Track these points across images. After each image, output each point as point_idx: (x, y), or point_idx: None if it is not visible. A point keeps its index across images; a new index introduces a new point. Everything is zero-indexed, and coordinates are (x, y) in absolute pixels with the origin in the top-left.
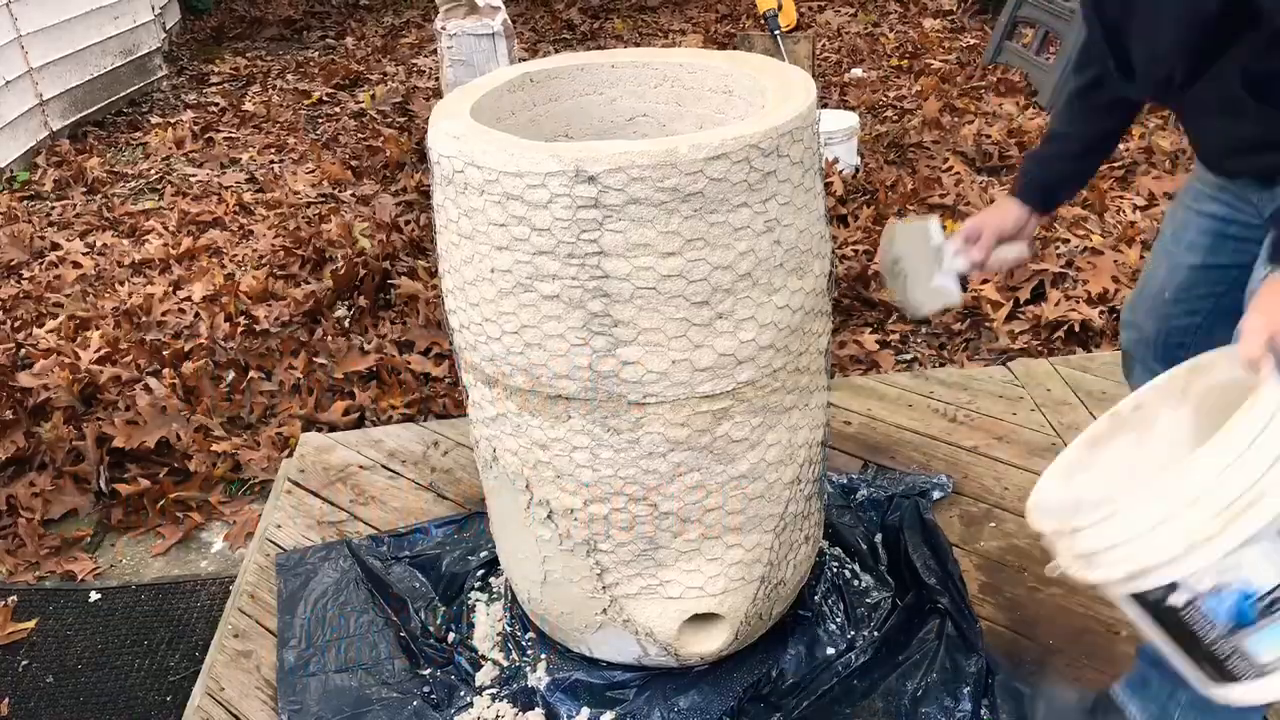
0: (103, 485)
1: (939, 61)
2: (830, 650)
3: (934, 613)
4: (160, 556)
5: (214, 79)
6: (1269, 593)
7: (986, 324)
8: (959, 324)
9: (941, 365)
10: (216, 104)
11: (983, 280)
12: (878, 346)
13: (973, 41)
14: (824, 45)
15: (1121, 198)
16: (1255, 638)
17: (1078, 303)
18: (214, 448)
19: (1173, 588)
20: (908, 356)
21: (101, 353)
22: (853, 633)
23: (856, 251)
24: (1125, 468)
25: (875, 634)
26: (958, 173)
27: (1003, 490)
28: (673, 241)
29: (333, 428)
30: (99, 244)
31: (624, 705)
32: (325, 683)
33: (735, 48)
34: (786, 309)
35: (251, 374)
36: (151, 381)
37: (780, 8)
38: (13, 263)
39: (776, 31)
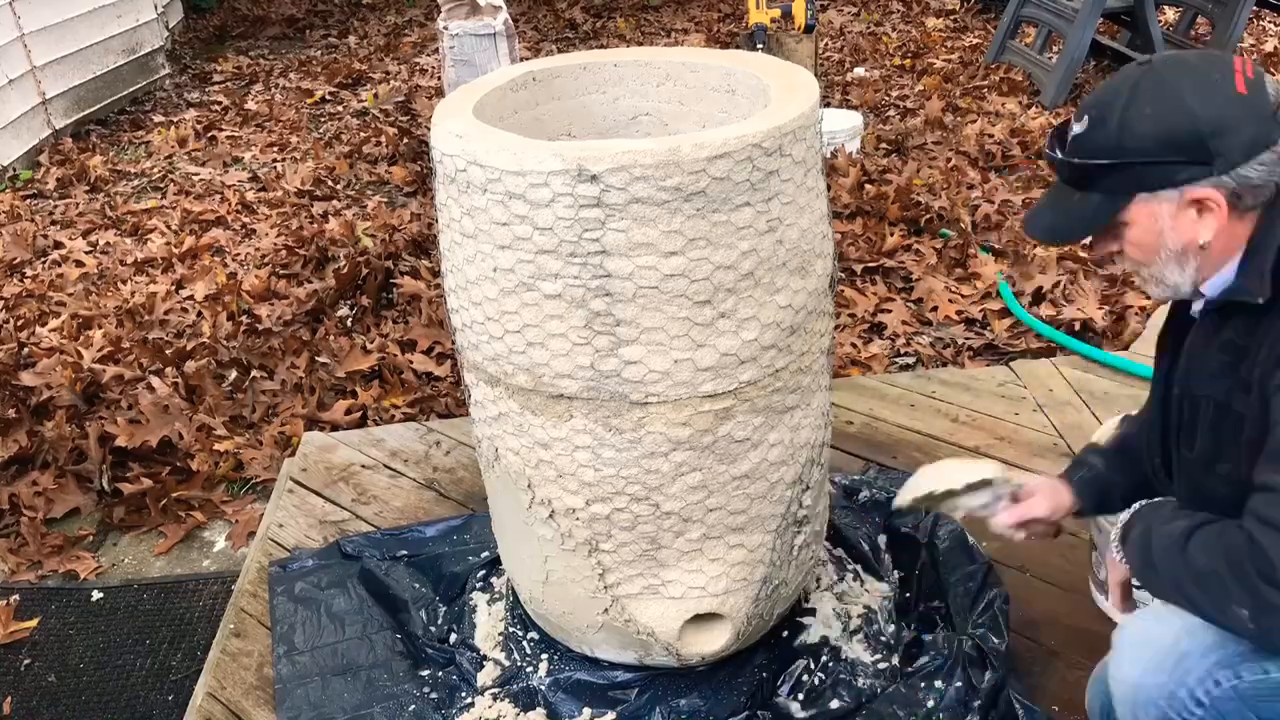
0: (105, 484)
1: (941, 61)
2: (831, 652)
3: (947, 622)
4: (162, 556)
5: (217, 78)
6: None
7: (988, 326)
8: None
9: (943, 365)
10: (219, 103)
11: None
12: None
13: (975, 41)
14: (826, 44)
15: None
16: None
17: (1080, 302)
18: (216, 447)
19: None
20: (910, 359)
21: (104, 351)
22: (854, 635)
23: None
24: None
25: (880, 639)
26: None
27: None
28: (675, 241)
29: (335, 427)
30: (101, 243)
31: (625, 705)
32: (324, 686)
33: (738, 47)
34: (789, 309)
35: (254, 373)
36: (154, 380)
37: (774, 23)
38: (15, 261)
39: (760, 46)
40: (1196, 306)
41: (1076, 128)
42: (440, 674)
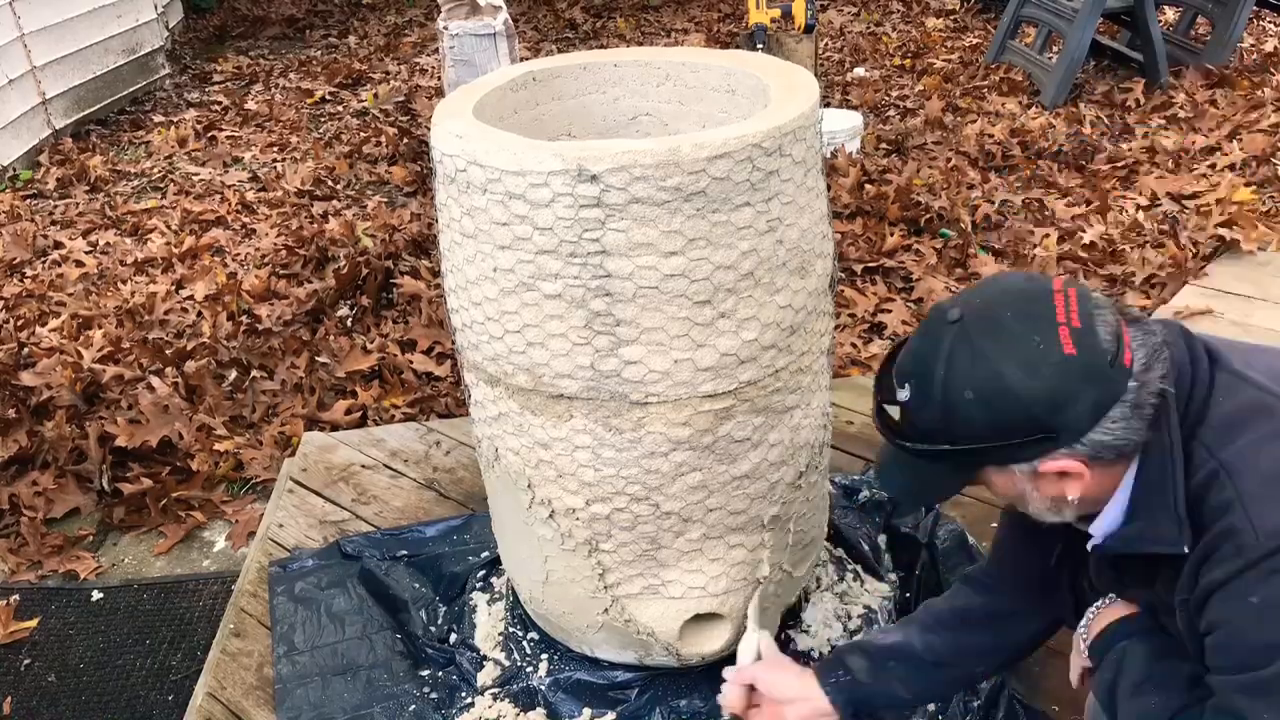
0: (105, 484)
1: (941, 61)
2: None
3: None
4: (162, 555)
5: (217, 78)
6: None
7: None
8: None
9: None
10: (219, 103)
11: None
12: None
13: (975, 41)
14: (826, 44)
15: (1124, 197)
16: None
17: None
18: (216, 447)
19: None
20: None
21: (104, 351)
22: (855, 635)
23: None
24: None
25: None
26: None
27: None
28: (675, 241)
29: (335, 427)
30: (101, 243)
31: (625, 705)
32: (324, 686)
33: (738, 47)
34: (789, 309)
35: (254, 373)
36: (154, 380)
37: (774, 23)
38: (15, 261)
39: (760, 46)
40: (1088, 540)
41: (901, 394)
42: (440, 674)
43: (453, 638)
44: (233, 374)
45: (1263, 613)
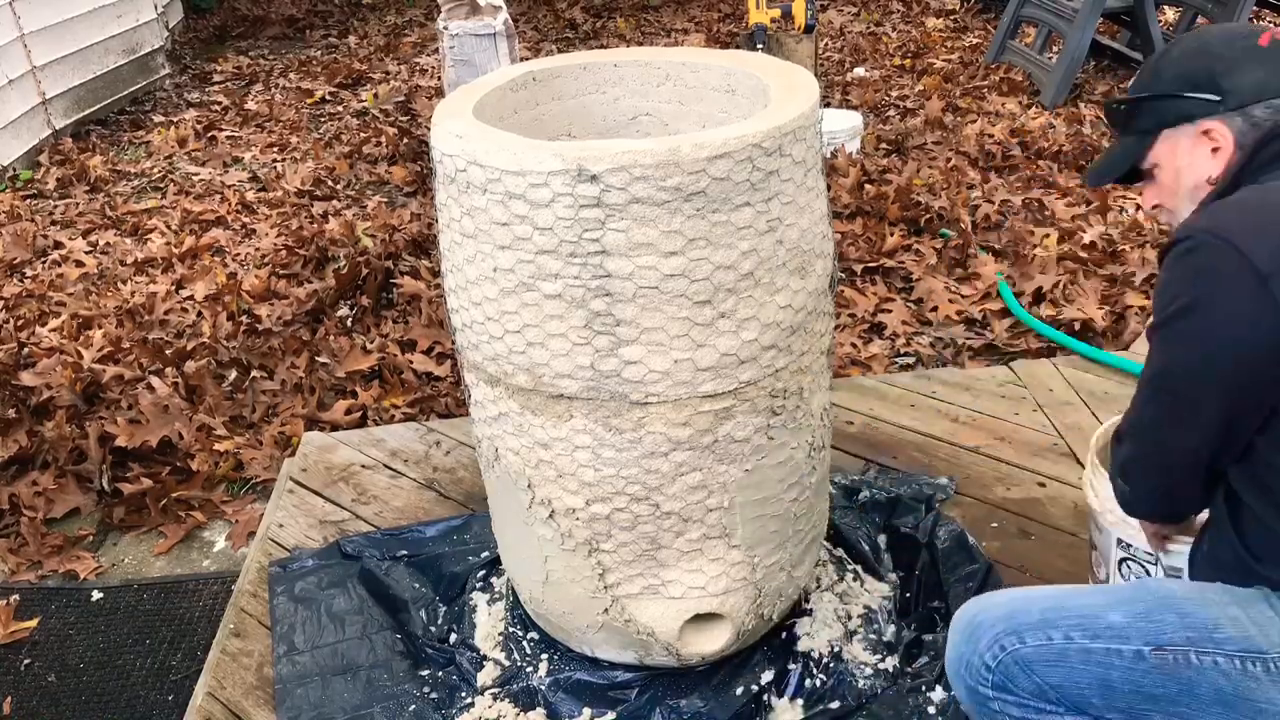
0: (105, 484)
1: (941, 61)
2: (832, 653)
3: (947, 623)
4: (162, 556)
5: (217, 78)
6: None
7: (988, 326)
8: (962, 326)
9: (943, 365)
10: (219, 103)
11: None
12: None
13: (975, 41)
14: (826, 44)
15: (1124, 197)
16: None
17: (1080, 302)
18: (216, 447)
19: None
20: (910, 359)
21: (104, 351)
22: (855, 635)
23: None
24: None
25: (881, 639)
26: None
27: (1005, 491)
28: (675, 241)
29: (335, 427)
30: (102, 243)
31: (625, 706)
32: (324, 686)
33: (738, 47)
34: (789, 309)
35: (254, 373)
36: (154, 380)
37: (774, 23)
38: (15, 261)
39: (760, 46)
40: None
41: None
42: (440, 674)
43: (453, 638)
44: (233, 374)
45: (1159, 294)
